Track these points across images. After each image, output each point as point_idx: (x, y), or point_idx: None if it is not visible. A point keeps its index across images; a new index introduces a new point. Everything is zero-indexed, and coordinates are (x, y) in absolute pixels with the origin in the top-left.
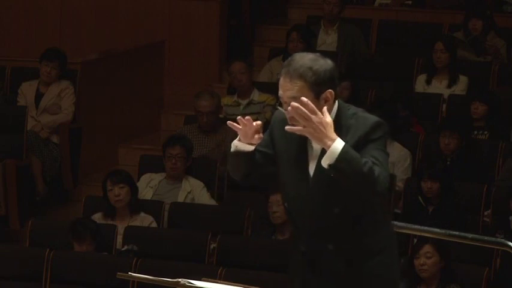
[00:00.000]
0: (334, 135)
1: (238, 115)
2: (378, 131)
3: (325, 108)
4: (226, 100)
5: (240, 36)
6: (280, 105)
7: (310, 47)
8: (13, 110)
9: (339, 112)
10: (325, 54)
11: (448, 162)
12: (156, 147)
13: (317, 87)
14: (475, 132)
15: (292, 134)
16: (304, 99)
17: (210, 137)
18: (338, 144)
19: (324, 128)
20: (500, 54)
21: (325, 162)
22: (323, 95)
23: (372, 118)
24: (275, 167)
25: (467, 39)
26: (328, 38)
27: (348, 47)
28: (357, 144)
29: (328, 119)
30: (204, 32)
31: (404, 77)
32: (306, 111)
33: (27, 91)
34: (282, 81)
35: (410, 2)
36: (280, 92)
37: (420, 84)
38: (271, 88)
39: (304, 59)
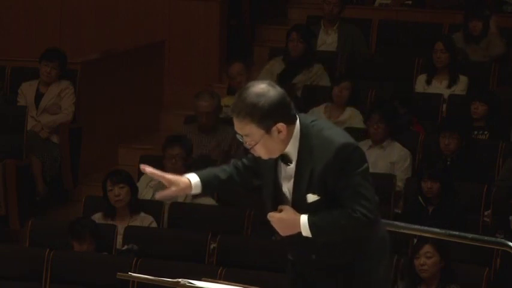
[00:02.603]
0: (295, 218)
1: None
2: (343, 156)
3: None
4: (226, 101)
5: (240, 36)
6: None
7: (310, 47)
8: (13, 110)
9: (302, 134)
10: (325, 54)
11: (448, 162)
12: (156, 147)
13: (265, 124)
14: (475, 132)
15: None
16: (269, 215)
17: (210, 137)
18: (303, 222)
19: (284, 222)
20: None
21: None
22: (274, 129)
23: (336, 141)
24: (259, 180)
25: (466, 39)
26: (328, 38)
27: (348, 47)
28: (326, 171)
29: (277, 214)
30: (204, 32)
31: (404, 77)
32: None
33: (27, 91)
34: (233, 119)
35: (410, 2)
36: (235, 128)
37: (420, 84)
38: None
39: (250, 96)
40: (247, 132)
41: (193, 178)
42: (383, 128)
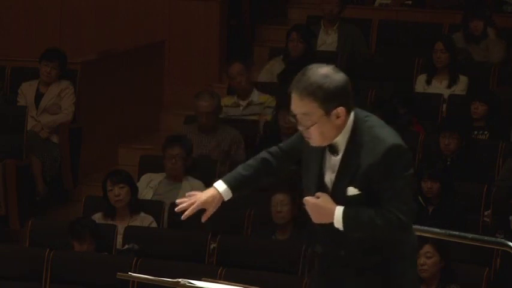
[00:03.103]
0: (331, 207)
1: (238, 116)
2: (392, 158)
3: (312, 200)
4: (226, 101)
5: (240, 36)
6: (294, 117)
7: (310, 47)
8: (13, 110)
9: (354, 126)
10: (325, 54)
11: (448, 162)
12: (156, 147)
13: (327, 105)
14: (475, 132)
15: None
16: (305, 199)
17: (210, 137)
18: (338, 213)
19: (319, 208)
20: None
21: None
22: (334, 112)
23: (387, 141)
24: (297, 165)
25: (466, 39)
26: (328, 38)
27: (348, 47)
28: (372, 169)
29: (314, 199)
30: (204, 32)
31: (404, 77)
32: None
33: (27, 91)
34: (293, 95)
35: (410, 2)
36: (292, 107)
37: (420, 84)
38: (271, 89)
39: (316, 75)
40: (307, 110)
41: (220, 186)
42: None
